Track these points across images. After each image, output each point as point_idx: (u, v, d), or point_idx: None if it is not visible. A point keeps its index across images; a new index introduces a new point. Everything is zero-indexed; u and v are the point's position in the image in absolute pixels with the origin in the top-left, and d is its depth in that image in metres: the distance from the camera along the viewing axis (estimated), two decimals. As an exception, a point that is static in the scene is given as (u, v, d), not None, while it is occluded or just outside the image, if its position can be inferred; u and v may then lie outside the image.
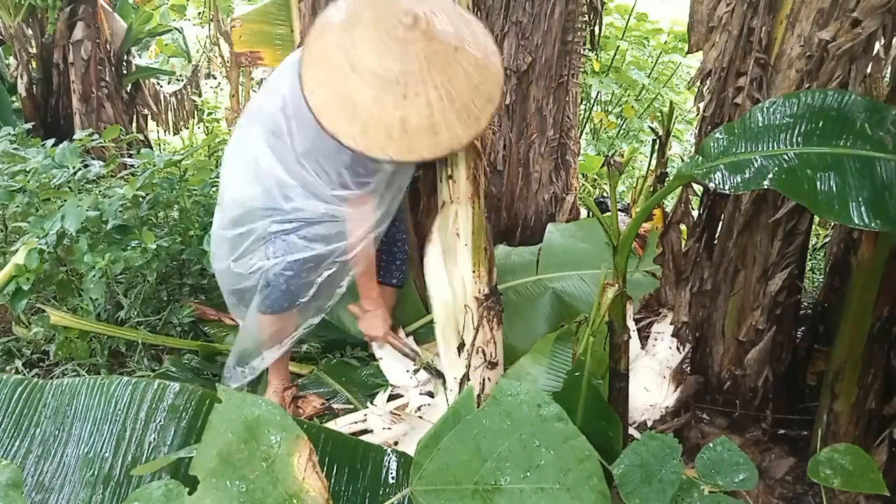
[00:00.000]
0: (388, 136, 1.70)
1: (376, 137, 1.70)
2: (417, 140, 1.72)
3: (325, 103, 1.72)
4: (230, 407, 1.22)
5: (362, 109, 1.69)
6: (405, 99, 1.69)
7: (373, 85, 1.68)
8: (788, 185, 1.42)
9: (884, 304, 1.85)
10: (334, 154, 1.90)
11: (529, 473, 1.26)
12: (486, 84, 1.79)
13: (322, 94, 1.72)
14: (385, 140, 1.70)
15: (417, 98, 1.69)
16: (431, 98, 1.70)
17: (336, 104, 1.71)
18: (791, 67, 1.92)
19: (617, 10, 5.86)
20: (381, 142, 1.70)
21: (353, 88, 1.69)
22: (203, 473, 1.16)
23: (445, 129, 1.73)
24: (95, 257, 2.47)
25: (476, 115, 1.78)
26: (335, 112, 1.71)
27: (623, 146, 5.99)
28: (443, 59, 1.72)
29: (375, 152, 1.71)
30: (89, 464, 1.49)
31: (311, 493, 1.18)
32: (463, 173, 2.06)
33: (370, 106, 1.69)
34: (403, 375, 2.48)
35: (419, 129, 1.71)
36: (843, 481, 1.41)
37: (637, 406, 2.24)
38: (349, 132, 1.70)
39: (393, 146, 1.71)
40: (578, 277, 2.71)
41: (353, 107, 1.70)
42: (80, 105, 5.08)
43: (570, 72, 3.06)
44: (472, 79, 1.76)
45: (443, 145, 1.75)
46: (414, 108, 1.69)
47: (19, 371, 2.63)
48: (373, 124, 1.70)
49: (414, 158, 1.76)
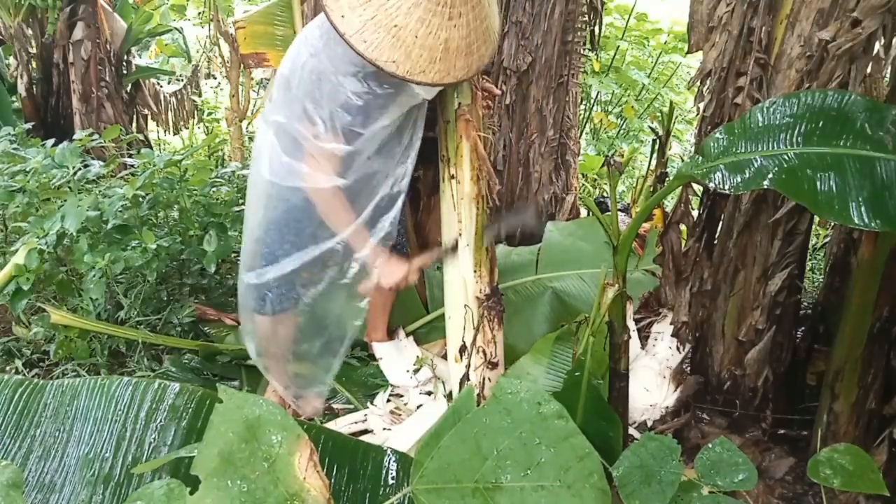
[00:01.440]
0: (430, 59, 1.69)
1: (419, 61, 1.68)
2: (456, 61, 1.73)
3: (362, 28, 1.66)
4: (231, 407, 1.22)
5: (407, 32, 1.66)
6: (450, 20, 1.68)
7: (420, 6, 1.65)
8: (788, 185, 1.42)
9: (884, 304, 1.85)
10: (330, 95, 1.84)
11: (530, 471, 1.26)
12: (493, 4, 1.84)
13: (356, 19, 1.66)
14: (428, 63, 1.69)
15: (460, 19, 1.70)
16: (470, 18, 1.72)
17: (375, 28, 1.66)
18: (791, 67, 1.92)
19: (617, 10, 5.87)
20: (423, 65, 1.69)
21: (396, 12, 1.65)
22: (204, 473, 1.16)
23: (475, 49, 1.75)
24: (95, 257, 2.46)
25: (493, 36, 1.82)
26: (375, 37, 1.66)
27: (623, 146, 5.99)
28: None
29: (417, 76, 1.69)
30: (90, 464, 1.49)
31: (311, 492, 1.18)
32: (467, 174, 2.06)
33: (416, 28, 1.66)
34: (403, 375, 2.49)
35: (458, 50, 1.72)
36: (843, 481, 1.41)
37: (637, 406, 2.24)
38: (391, 57, 1.66)
39: (435, 69, 1.70)
40: (578, 277, 2.71)
41: (397, 30, 1.65)
42: (80, 105, 5.08)
43: (570, 72, 3.06)
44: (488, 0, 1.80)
45: (473, 66, 1.77)
46: (457, 29, 1.70)
47: (19, 371, 2.63)
48: (416, 47, 1.67)
49: (451, 80, 1.75)
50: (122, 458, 1.49)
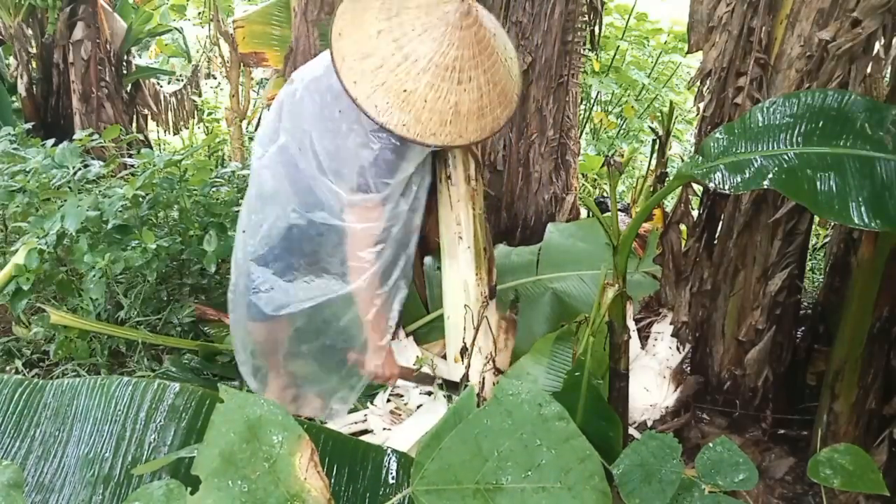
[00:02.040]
0: (441, 122, 1.72)
1: (429, 124, 1.71)
2: (467, 124, 1.75)
3: (374, 94, 1.69)
4: (232, 407, 1.22)
5: (416, 97, 1.69)
6: (459, 84, 1.71)
7: (429, 71, 1.68)
8: (788, 185, 1.42)
9: (884, 304, 1.85)
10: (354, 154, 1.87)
11: (530, 473, 1.27)
12: (514, 67, 1.87)
13: (367, 84, 1.69)
14: (438, 126, 1.72)
15: (470, 83, 1.73)
16: (481, 82, 1.75)
17: (386, 94, 1.69)
18: (791, 67, 1.92)
19: (617, 10, 5.86)
20: (434, 128, 1.72)
21: (406, 77, 1.69)
22: (205, 473, 1.16)
23: (489, 111, 1.78)
24: (95, 257, 2.46)
25: (510, 98, 1.85)
26: (385, 102, 1.69)
27: (623, 146, 5.99)
28: (489, 44, 1.76)
29: (428, 139, 1.72)
30: (89, 464, 1.49)
31: (312, 492, 1.18)
32: (461, 175, 2.06)
33: (425, 93, 1.69)
34: (403, 375, 2.48)
35: (470, 114, 1.75)
36: (843, 481, 1.41)
37: (637, 406, 2.24)
38: (401, 120, 1.70)
39: (445, 132, 1.73)
40: (578, 278, 2.71)
41: (407, 95, 1.69)
42: (80, 105, 5.09)
43: (570, 72, 3.06)
44: (505, 62, 1.82)
45: (487, 128, 1.80)
46: (467, 93, 1.73)
47: (19, 371, 2.63)
48: (427, 111, 1.70)
49: (463, 143, 1.78)
50: (121, 459, 1.49)
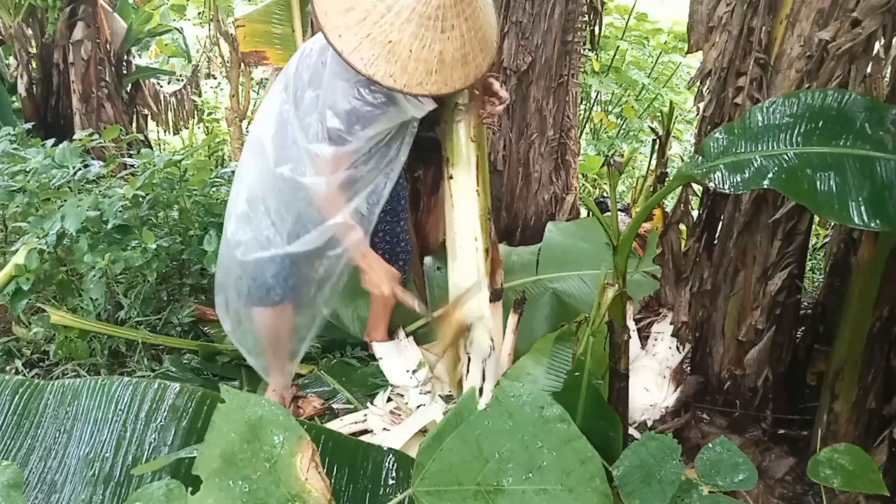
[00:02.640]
0: (427, 72, 1.74)
1: (415, 74, 1.73)
2: (453, 72, 1.77)
3: (360, 46, 1.71)
4: (233, 407, 1.22)
5: (401, 47, 1.71)
6: (443, 33, 1.73)
7: (412, 21, 1.70)
8: (788, 185, 1.42)
9: (884, 304, 1.85)
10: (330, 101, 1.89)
11: (531, 474, 1.26)
12: (491, 14, 1.89)
13: (352, 37, 1.71)
14: (424, 76, 1.74)
15: (453, 31, 1.74)
16: (463, 30, 1.76)
17: (371, 45, 1.71)
18: (791, 67, 1.92)
19: (617, 10, 5.87)
20: (420, 77, 1.74)
21: (390, 28, 1.70)
22: (206, 473, 1.16)
23: (472, 58, 1.80)
24: (95, 257, 2.47)
25: (490, 44, 1.86)
26: (371, 53, 1.71)
27: (623, 146, 5.99)
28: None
29: (415, 88, 1.75)
30: (90, 464, 1.49)
31: (313, 493, 1.18)
32: (462, 172, 2.06)
33: (410, 43, 1.71)
34: (403, 375, 2.48)
35: (454, 62, 1.76)
36: (843, 481, 1.41)
37: (637, 406, 2.24)
38: (388, 72, 1.72)
39: (431, 81, 1.75)
40: (579, 278, 2.72)
41: (392, 45, 1.70)
42: (80, 105, 5.08)
43: (570, 72, 3.07)
44: (484, 10, 1.84)
45: (470, 75, 1.82)
46: (451, 41, 1.74)
47: (19, 371, 2.63)
48: (412, 61, 1.72)
49: (448, 90, 1.80)
50: (122, 459, 1.49)
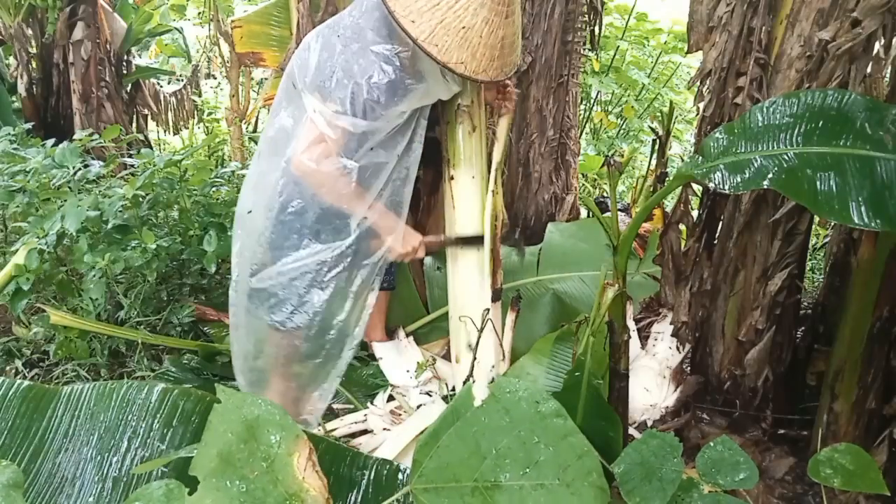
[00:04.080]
0: (490, 58, 1.77)
1: (482, 60, 1.76)
2: (507, 59, 1.82)
3: (433, 32, 1.72)
4: (230, 407, 1.22)
5: (473, 33, 1.73)
6: (507, 18, 1.76)
7: (485, 6, 1.72)
8: (788, 185, 1.42)
9: (884, 304, 1.85)
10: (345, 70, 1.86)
11: (529, 470, 1.26)
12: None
13: (425, 23, 1.72)
14: (488, 62, 1.78)
15: (513, 17, 1.79)
16: (517, 15, 1.81)
17: (445, 32, 1.72)
18: (791, 67, 1.92)
19: (617, 10, 5.86)
20: (485, 64, 1.77)
21: (464, 13, 1.71)
22: (203, 473, 1.16)
23: (517, 46, 1.85)
24: (95, 257, 2.46)
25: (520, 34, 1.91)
26: (445, 40, 1.73)
27: (623, 146, 5.99)
28: None
29: (480, 75, 1.78)
30: (96, 466, 1.49)
31: (310, 492, 1.18)
32: (463, 173, 2.06)
33: (482, 28, 1.73)
34: (403, 375, 2.48)
35: (510, 47, 1.81)
36: (843, 481, 1.41)
37: (637, 406, 2.24)
38: (460, 58, 1.74)
39: (493, 67, 1.79)
40: (579, 279, 2.71)
41: (465, 32, 1.72)
42: (80, 105, 5.08)
43: (570, 72, 3.06)
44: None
45: (515, 63, 1.87)
46: (510, 26, 1.78)
47: (19, 371, 2.63)
48: (481, 47, 1.75)
49: (502, 77, 1.84)
50: (128, 461, 1.50)
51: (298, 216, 1.99)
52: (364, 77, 1.83)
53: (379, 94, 1.84)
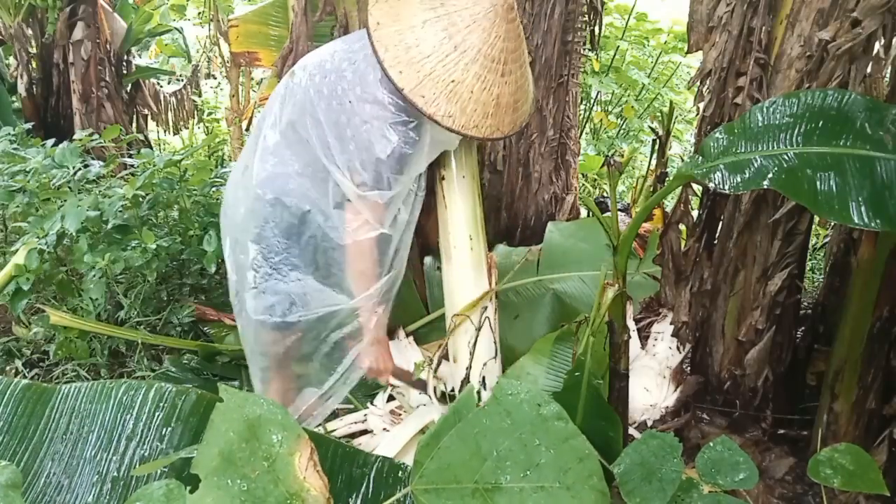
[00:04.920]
0: (483, 115, 1.72)
1: (473, 116, 1.71)
2: (504, 117, 1.76)
3: (421, 84, 1.68)
4: (232, 406, 1.22)
5: (464, 88, 1.69)
6: (502, 76, 1.72)
7: (478, 62, 1.68)
8: (788, 185, 1.42)
9: (884, 304, 1.85)
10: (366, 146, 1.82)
11: (529, 472, 1.26)
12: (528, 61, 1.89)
13: (413, 74, 1.68)
14: (481, 118, 1.72)
15: (510, 76, 1.73)
16: (518, 75, 1.76)
17: (433, 84, 1.68)
18: (791, 67, 1.92)
19: (617, 10, 5.86)
20: (477, 120, 1.72)
21: (454, 67, 1.68)
22: (204, 472, 1.16)
23: (521, 104, 1.79)
24: (95, 257, 2.46)
25: (530, 92, 1.87)
26: (433, 92, 1.68)
27: (623, 146, 5.99)
28: (523, 37, 1.78)
29: (471, 131, 1.73)
30: (95, 466, 1.49)
31: (311, 491, 1.18)
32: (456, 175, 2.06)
33: (472, 84, 1.69)
34: (403, 375, 2.48)
35: (507, 106, 1.75)
36: (843, 481, 1.41)
37: (637, 406, 2.24)
38: (448, 111, 1.69)
39: (487, 124, 1.74)
40: (579, 279, 2.71)
41: (454, 85, 1.68)
42: (80, 105, 5.08)
43: (570, 72, 3.06)
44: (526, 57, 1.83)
45: (518, 121, 1.81)
46: (508, 85, 1.73)
47: (19, 371, 2.63)
48: (472, 102, 1.70)
49: (499, 136, 1.79)
50: (125, 461, 1.50)
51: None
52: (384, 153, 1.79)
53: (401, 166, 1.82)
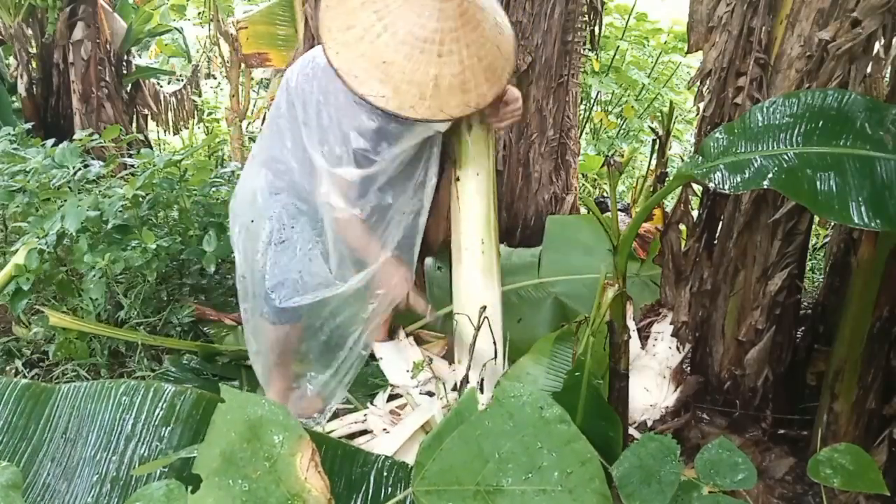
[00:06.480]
0: (419, 96, 1.70)
1: (408, 96, 1.70)
2: (448, 98, 1.73)
3: (354, 64, 1.69)
4: (233, 406, 1.22)
5: (395, 69, 1.68)
6: (440, 57, 1.70)
7: (407, 43, 1.67)
8: (788, 185, 1.42)
9: (884, 304, 1.85)
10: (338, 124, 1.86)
11: (531, 475, 1.26)
12: (505, 44, 1.84)
13: (349, 55, 1.70)
14: (417, 99, 1.70)
15: (451, 56, 1.71)
16: (463, 56, 1.72)
17: (366, 64, 1.69)
18: (791, 67, 1.92)
19: (617, 10, 5.87)
20: (412, 101, 1.70)
21: (385, 48, 1.68)
22: (206, 472, 1.16)
23: (474, 86, 1.75)
24: (95, 257, 2.46)
25: (499, 74, 1.81)
26: (365, 72, 1.69)
27: (623, 146, 6.00)
28: (473, 17, 1.73)
29: (407, 111, 1.70)
30: (95, 466, 1.49)
31: (313, 492, 1.18)
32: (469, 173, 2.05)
33: (403, 65, 1.68)
34: (403, 375, 2.48)
35: (451, 88, 1.72)
36: (843, 481, 1.41)
37: (637, 406, 2.24)
38: (380, 92, 1.69)
39: (424, 105, 1.71)
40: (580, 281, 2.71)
41: (386, 66, 1.68)
42: (80, 105, 5.08)
43: (570, 72, 3.07)
44: (495, 38, 1.79)
45: (471, 103, 1.77)
46: (447, 66, 1.70)
47: (19, 371, 2.63)
48: (405, 83, 1.69)
49: (443, 117, 1.75)
50: (126, 461, 1.49)
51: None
52: (352, 126, 1.83)
53: (367, 141, 1.85)
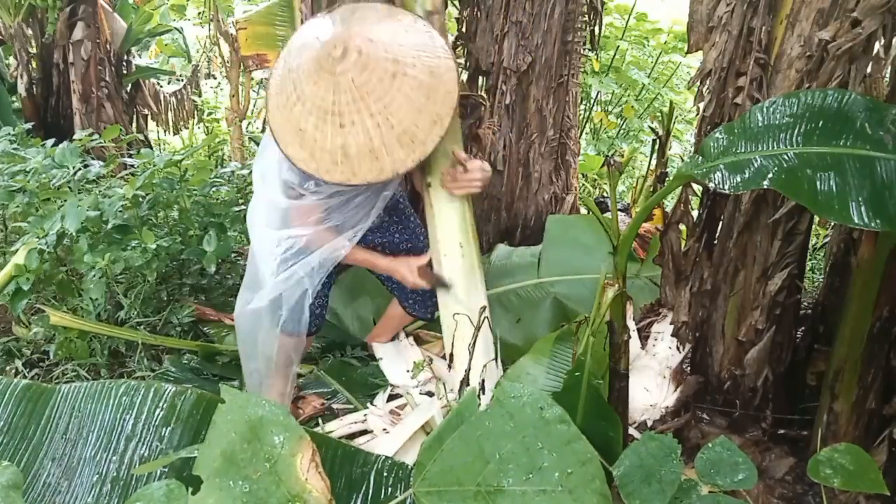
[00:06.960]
0: (332, 161, 1.75)
1: (322, 162, 1.76)
2: (360, 164, 1.75)
3: (280, 127, 1.79)
4: (234, 407, 1.22)
5: (308, 136, 1.76)
6: (342, 128, 1.73)
7: (313, 113, 1.74)
8: (788, 185, 1.42)
9: (884, 304, 1.85)
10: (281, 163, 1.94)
11: (532, 475, 1.27)
12: (431, 106, 1.75)
13: (278, 117, 1.80)
14: (330, 164, 1.76)
15: (354, 126, 1.73)
16: (368, 126, 1.73)
17: (288, 129, 1.78)
18: (791, 67, 1.92)
19: (617, 10, 5.87)
20: (327, 166, 1.76)
21: (299, 116, 1.76)
22: (206, 473, 1.16)
23: (386, 153, 1.75)
24: (95, 257, 2.47)
25: (421, 139, 1.75)
26: (287, 136, 1.78)
27: (623, 146, 5.99)
28: (378, 87, 1.72)
29: (324, 175, 1.77)
30: (95, 466, 1.49)
31: (313, 493, 1.19)
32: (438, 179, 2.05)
33: (313, 133, 1.75)
34: (403, 375, 2.49)
35: (360, 155, 1.75)
36: (843, 481, 1.41)
37: (637, 406, 2.24)
38: (300, 156, 1.77)
39: (338, 170, 1.76)
40: (580, 281, 2.71)
41: (301, 133, 1.76)
42: (80, 105, 5.08)
43: (570, 72, 3.07)
44: (413, 103, 1.73)
45: (386, 169, 1.75)
46: (351, 136, 1.73)
47: (19, 371, 2.63)
48: (318, 150, 1.75)
49: (358, 181, 1.77)
50: (126, 461, 1.50)
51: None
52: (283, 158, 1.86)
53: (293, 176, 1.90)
